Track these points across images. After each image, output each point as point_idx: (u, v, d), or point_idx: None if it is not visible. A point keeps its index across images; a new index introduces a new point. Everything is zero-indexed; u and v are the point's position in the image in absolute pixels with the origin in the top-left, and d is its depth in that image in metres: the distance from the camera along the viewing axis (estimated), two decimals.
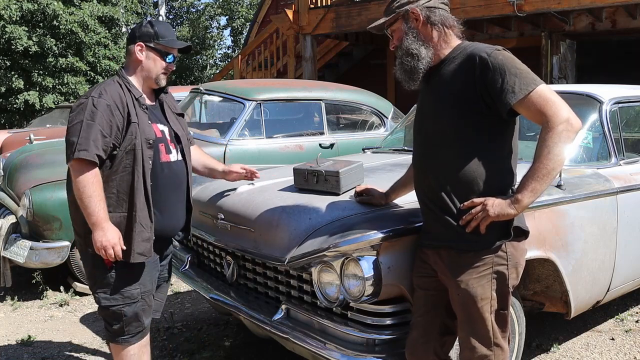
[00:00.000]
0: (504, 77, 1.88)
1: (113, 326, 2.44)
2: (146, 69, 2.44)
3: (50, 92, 14.66)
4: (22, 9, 13.99)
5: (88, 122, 2.25)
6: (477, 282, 1.98)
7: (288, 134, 5.20)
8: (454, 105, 1.97)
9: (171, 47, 2.46)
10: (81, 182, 2.24)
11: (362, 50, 12.50)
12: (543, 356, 3.27)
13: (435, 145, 2.04)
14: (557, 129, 1.84)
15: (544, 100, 1.87)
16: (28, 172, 4.56)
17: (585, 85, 3.65)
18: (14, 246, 4.21)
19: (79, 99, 2.35)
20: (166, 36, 2.45)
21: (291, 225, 2.44)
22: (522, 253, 2.07)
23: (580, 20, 9.22)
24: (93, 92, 2.33)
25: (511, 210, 1.90)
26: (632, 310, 3.90)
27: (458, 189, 1.98)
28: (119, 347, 2.48)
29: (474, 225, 1.93)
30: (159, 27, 2.45)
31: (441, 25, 2.03)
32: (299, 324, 2.46)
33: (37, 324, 3.96)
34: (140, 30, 2.44)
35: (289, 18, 9.92)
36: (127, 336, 2.45)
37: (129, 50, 2.47)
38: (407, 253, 2.22)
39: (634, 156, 3.38)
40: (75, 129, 2.25)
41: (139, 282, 2.43)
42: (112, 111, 2.30)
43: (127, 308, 2.41)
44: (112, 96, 2.32)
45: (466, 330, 2.05)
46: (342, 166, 2.64)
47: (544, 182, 1.87)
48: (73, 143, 2.24)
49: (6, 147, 7.42)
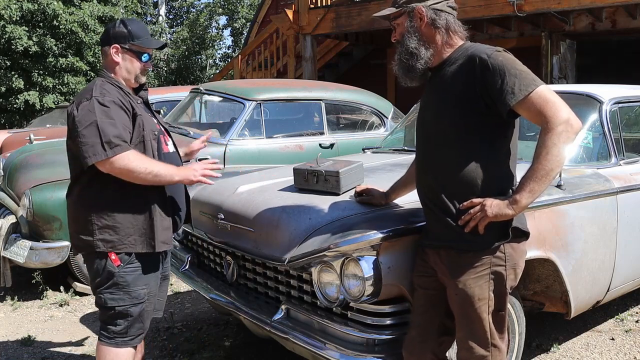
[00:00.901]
0: (503, 78, 1.88)
1: (116, 326, 2.41)
2: (125, 70, 2.44)
3: (51, 92, 14.64)
4: (22, 9, 13.98)
5: (105, 120, 2.24)
6: (474, 283, 1.98)
7: (288, 134, 5.20)
8: (455, 105, 1.98)
9: (147, 47, 2.46)
10: (135, 169, 2.25)
11: (362, 50, 12.49)
12: (543, 356, 3.27)
13: (436, 145, 2.04)
14: (556, 130, 1.84)
15: (544, 101, 1.87)
16: (28, 172, 4.56)
17: (585, 85, 3.65)
18: (14, 246, 4.21)
19: (79, 104, 2.30)
20: (141, 36, 2.44)
21: (291, 225, 2.44)
22: (521, 254, 2.06)
23: (580, 20, 9.22)
24: (93, 92, 2.31)
25: (509, 210, 1.90)
26: (632, 310, 3.89)
27: (458, 189, 1.98)
28: (112, 351, 2.42)
29: (472, 225, 1.94)
30: (133, 27, 2.44)
31: (444, 29, 2.03)
32: (299, 324, 2.46)
33: (37, 324, 3.96)
34: (114, 30, 2.43)
35: (289, 18, 9.92)
36: (128, 338, 2.44)
37: (104, 51, 2.46)
38: (407, 253, 2.22)
39: (634, 156, 3.38)
40: (92, 131, 2.23)
41: (146, 282, 2.42)
42: (120, 107, 2.31)
43: (133, 308, 2.40)
44: (114, 93, 2.34)
45: (464, 330, 2.05)
46: (342, 166, 2.64)
47: (543, 183, 1.87)
48: (98, 144, 2.22)
49: (6, 147, 7.42)
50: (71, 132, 2.32)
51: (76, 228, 2.41)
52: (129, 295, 2.39)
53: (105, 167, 2.25)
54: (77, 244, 2.42)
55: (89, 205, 2.34)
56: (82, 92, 2.39)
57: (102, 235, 2.33)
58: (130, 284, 2.38)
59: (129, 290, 2.39)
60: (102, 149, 2.22)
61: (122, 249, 2.34)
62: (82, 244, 2.39)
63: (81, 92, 2.40)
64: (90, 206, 2.34)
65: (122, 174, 2.27)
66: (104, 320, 2.45)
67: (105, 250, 2.33)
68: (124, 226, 2.34)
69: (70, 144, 2.36)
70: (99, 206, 2.33)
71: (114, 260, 2.34)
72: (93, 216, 2.33)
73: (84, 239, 2.37)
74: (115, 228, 2.33)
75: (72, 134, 2.31)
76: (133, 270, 2.38)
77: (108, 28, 2.46)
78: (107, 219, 2.32)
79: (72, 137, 2.31)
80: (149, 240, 2.37)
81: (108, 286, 2.38)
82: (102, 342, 2.44)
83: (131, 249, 2.36)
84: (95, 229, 2.32)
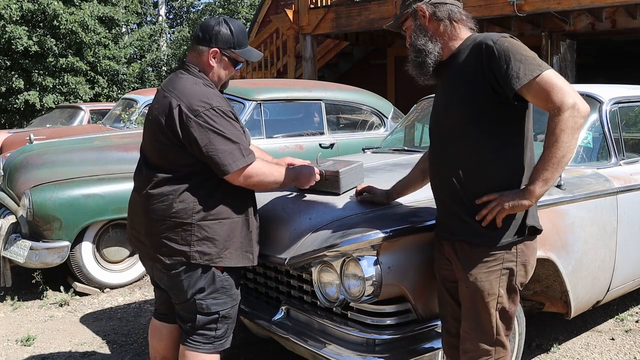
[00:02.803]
0: (509, 63, 1.87)
1: (217, 331, 2.31)
2: (216, 75, 2.32)
3: (51, 92, 14.64)
4: (22, 9, 13.98)
5: (226, 131, 2.16)
6: (485, 277, 1.98)
7: (288, 134, 5.20)
8: (465, 95, 1.97)
9: (245, 58, 2.34)
10: (263, 175, 2.24)
11: (362, 50, 12.49)
12: (543, 356, 3.27)
13: (448, 137, 2.04)
14: (563, 116, 1.82)
15: (550, 85, 1.84)
16: (28, 172, 4.56)
17: (585, 85, 3.64)
18: (14, 246, 4.21)
19: (193, 115, 2.13)
20: (243, 45, 2.32)
21: (291, 225, 2.44)
22: (532, 251, 2.06)
23: (580, 20, 9.21)
24: (209, 101, 2.17)
25: (525, 201, 1.89)
26: (632, 310, 3.89)
27: (470, 181, 1.98)
28: (213, 357, 2.34)
29: (490, 219, 1.93)
30: (237, 32, 2.30)
31: (448, 20, 2.04)
32: (299, 324, 2.46)
33: (37, 324, 3.96)
34: (219, 32, 2.26)
35: (289, 18, 9.91)
36: (224, 340, 2.36)
37: (199, 50, 2.28)
38: (407, 253, 2.22)
39: (634, 156, 3.38)
40: (218, 140, 2.14)
41: (239, 283, 2.38)
42: (232, 116, 2.23)
43: (233, 310, 2.35)
44: (224, 103, 2.23)
45: (470, 323, 2.05)
46: (342, 166, 2.64)
47: (556, 171, 1.86)
48: (227, 152, 2.15)
49: (6, 147, 7.42)
50: (192, 137, 2.15)
51: (169, 237, 2.21)
52: (231, 298, 2.32)
53: (240, 174, 2.18)
54: (166, 252, 2.22)
55: (190, 215, 2.19)
56: (189, 92, 2.20)
57: (199, 247, 2.20)
58: (230, 286, 2.31)
59: (231, 293, 2.32)
60: (242, 155, 2.17)
61: (218, 262, 2.23)
62: (173, 253, 2.21)
63: (189, 92, 2.19)
64: (192, 216, 2.19)
65: (256, 182, 2.22)
66: (201, 326, 2.30)
67: (202, 262, 2.21)
68: (222, 239, 2.23)
69: (160, 145, 2.21)
70: (201, 217, 2.20)
71: (219, 267, 2.26)
72: (194, 227, 2.19)
73: (177, 248, 2.20)
74: (214, 240, 2.21)
75: (191, 137, 2.15)
76: (232, 274, 2.32)
77: (210, 27, 2.27)
78: (207, 231, 2.20)
79: (198, 147, 2.15)
80: (245, 254, 2.29)
81: (210, 292, 2.27)
82: (197, 349, 2.31)
83: (227, 263, 2.25)
84: (194, 240, 2.19)
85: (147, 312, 4.09)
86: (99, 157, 4.75)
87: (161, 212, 2.21)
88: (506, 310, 2.02)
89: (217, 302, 2.29)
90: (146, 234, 2.27)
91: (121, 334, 3.71)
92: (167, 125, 2.18)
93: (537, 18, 9.13)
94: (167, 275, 2.28)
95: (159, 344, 2.56)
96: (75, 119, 9.77)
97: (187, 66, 2.31)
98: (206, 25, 2.30)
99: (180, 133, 2.16)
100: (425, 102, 4.11)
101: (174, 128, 2.17)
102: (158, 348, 2.56)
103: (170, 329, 2.49)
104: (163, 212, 2.20)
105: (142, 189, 2.28)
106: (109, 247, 4.56)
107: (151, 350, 2.61)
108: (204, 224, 2.20)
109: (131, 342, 3.59)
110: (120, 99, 8.39)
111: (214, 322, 2.31)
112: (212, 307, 2.28)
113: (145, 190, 2.25)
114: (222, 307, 2.30)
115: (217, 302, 2.29)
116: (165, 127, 2.19)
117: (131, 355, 3.40)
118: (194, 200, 2.19)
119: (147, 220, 2.25)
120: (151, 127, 2.26)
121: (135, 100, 7.73)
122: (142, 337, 3.64)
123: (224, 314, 2.31)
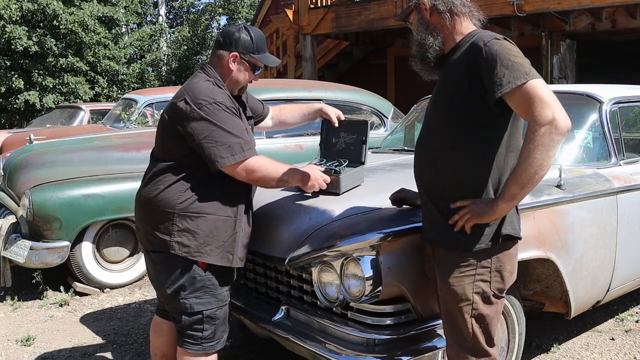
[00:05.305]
0: (494, 68, 1.80)
1: (203, 332, 2.31)
2: (235, 79, 2.36)
3: (51, 92, 14.65)
4: (22, 9, 13.98)
5: (227, 125, 2.20)
6: (457, 282, 1.95)
7: (288, 134, 5.19)
8: (450, 95, 1.95)
9: (264, 63, 2.39)
10: (266, 171, 2.25)
11: (362, 50, 12.50)
12: (543, 356, 3.27)
13: (433, 135, 2.02)
14: (539, 131, 1.73)
15: (531, 97, 1.75)
16: (28, 172, 4.56)
17: (585, 85, 3.65)
18: (14, 246, 4.21)
19: (197, 108, 2.20)
20: (262, 50, 2.37)
21: (291, 225, 2.44)
22: (509, 258, 2.00)
23: (580, 20, 9.22)
24: (213, 96, 2.24)
25: (490, 215, 1.87)
26: (632, 310, 3.89)
27: (447, 183, 1.96)
28: (200, 359, 2.34)
29: (461, 225, 1.92)
30: (257, 39, 2.36)
31: (448, 13, 1.99)
32: (299, 324, 2.46)
33: (37, 324, 3.96)
34: (239, 38, 2.33)
35: (289, 18, 9.92)
36: (215, 341, 2.35)
37: (219, 54, 2.35)
38: (407, 253, 2.22)
39: (634, 156, 3.38)
40: (218, 134, 2.18)
41: (228, 283, 2.37)
42: (235, 113, 2.27)
43: (219, 311, 2.33)
44: (229, 101, 2.28)
45: (447, 328, 2.04)
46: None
47: (525, 188, 1.80)
48: (226, 145, 2.18)
49: (6, 147, 7.42)
50: (192, 129, 2.21)
51: (154, 225, 2.28)
52: (216, 298, 2.31)
53: (244, 167, 2.21)
54: (152, 240, 2.30)
55: (174, 205, 2.23)
56: (197, 87, 2.27)
57: (179, 238, 2.23)
58: (216, 286, 2.30)
59: (216, 294, 2.31)
60: (241, 149, 2.20)
61: (197, 257, 2.24)
62: (157, 241, 2.28)
63: (196, 87, 2.27)
64: (175, 206, 2.23)
65: (258, 177, 2.25)
66: (187, 327, 2.32)
67: (180, 254, 2.23)
68: (204, 233, 2.24)
69: (163, 134, 2.31)
70: (184, 208, 2.23)
71: (201, 264, 2.26)
72: (175, 217, 2.23)
73: (159, 236, 2.26)
74: (195, 233, 2.23)
75: (192, 130, 2.21)
76: (219, 274, 2.31)
77: (231, 33, 2.34)
78: (189, 223, 2.22)
79: (197, 139, 2.20)
80: (226, 254, 2.28)
81: (193, 290, 2.27)
82: (187, 351, 2.33)
83: (205, 259, 2.25)
84: (175, 230, 2.23)
85: (147, 312, 4.09)
86: (99, 157, 4.75)
87: (150, 199, 2.29)
88: (483, 316, 1.97)
89: (201, 302, 2.29)
90: (139, 220, 2.38)
91: (121, 334, 3.71)
92: (171, 115, 2.29)
93: (537, 18, 9.14)
94: (152, 267, 2.37)
95: (160, 340, 2.57)
96: (75, 119, 9.78)
97: (204, 66, 2.39)
98: (227, 31, 2.38)
99: (182, 123, 2.23)
100: (425, 102, 4.11)
101: (176, 118, 2.26)
102: (158, 344, 2.58)
103: (171, 325, 2.49)
104: (152, 200, 2.28)
105: (144, 178, 2.38)
106: (109, 247, 4.56)
107: (152, 346, 2.62)
108: (186, 215, 2.24)
109: (131, 342, 3.59)
110: (120, 99, 8.39)
111: (199, 322, 2.31)
112: (195, 306, 2.28)
113: (145, 179, 2.37)
114: (206, 307, 2.30)
115: (201, 302, 2.29)
116: (169, 118, 2.29)
117: (131, 355, 3.40)
118: (180, 190, 2.25)
119: (140, 207, 2.36)
120: (162, 117, 2.37)
121: (135, 100, 7.72)
122: (142, 337, 3.64)
123: (208, 315, 2.31)
